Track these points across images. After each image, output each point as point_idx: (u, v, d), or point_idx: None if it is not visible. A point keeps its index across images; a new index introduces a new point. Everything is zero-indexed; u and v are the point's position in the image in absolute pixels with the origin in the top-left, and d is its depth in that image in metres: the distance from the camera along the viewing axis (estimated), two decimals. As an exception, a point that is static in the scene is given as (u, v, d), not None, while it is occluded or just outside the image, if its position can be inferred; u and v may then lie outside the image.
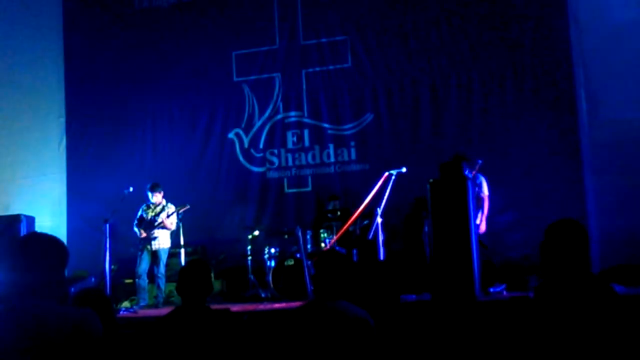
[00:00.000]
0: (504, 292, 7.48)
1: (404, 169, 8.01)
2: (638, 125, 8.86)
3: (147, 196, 9.03)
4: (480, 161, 8.15)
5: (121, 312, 8.14)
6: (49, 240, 2.62)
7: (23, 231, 8.69)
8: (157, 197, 8.99)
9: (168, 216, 8.84)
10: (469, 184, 7.29)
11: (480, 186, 8.22)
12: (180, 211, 8.94)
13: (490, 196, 8.43)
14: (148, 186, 9.04)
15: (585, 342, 3.03)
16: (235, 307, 7.43)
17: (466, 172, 7.91)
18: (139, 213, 9.04)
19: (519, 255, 8.78)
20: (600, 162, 9.01)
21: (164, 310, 7.98)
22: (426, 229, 8.10)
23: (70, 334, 2.40)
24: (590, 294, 3.12)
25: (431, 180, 7.27)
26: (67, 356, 2.36)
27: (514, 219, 9.05)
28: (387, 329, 3.66)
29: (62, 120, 11.17)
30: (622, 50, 9.01)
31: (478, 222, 7.86)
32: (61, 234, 10.44)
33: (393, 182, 7.88)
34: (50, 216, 10.60)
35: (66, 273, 2.68)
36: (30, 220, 8.97)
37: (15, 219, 8.74)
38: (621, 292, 6.77)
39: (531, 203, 8.92)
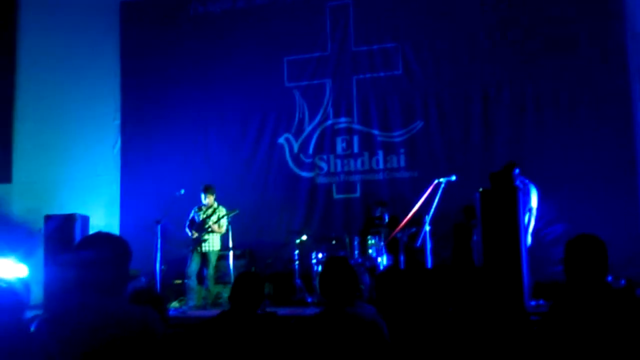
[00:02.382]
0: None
1: (453, 177, 7.95)
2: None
3: (199, 198, 9.16)
4: (517, 170, 8.03)
5: (170, 312, 8.26)
6: (114, 238, 2.70)
7: (77, 230, 8.88)
8: (209, 199, 9.12)
9: (218, 219, 8.95)
10: (520, 194, 7.21)
11: (529, 197, 8.11)
12: (230, 215, 9.04)
13: (539, 208, 8.31)
14: (201, 187, 9.17)
15: (601, 354, 3.03)
16: (282, 311, 7.49)
17: (517, 182, 7.84)
18: (191, 214, 9.18)
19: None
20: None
21: (212, 312, 8.09)
22: (475, 237, 8.03)
23: (136, 332, 2.45)
24: (610, 306, 3.16)
25: (481, 189, 7.22)
26: (132, 354, 2.42)
27: (564, 231, 8.88)
28: (435, 337, 3.66)
29: (117, 122, 11.41)
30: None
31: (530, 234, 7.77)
32: (114, 233, 10.66)
33: (442, 190, 7.84)
34: (103, 216, 10.83)
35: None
36: (85, 219, 9.16)
37: (70, 218, 8.93)
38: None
39: (582, 216, 8.73)
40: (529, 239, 8.03)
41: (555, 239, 8.89)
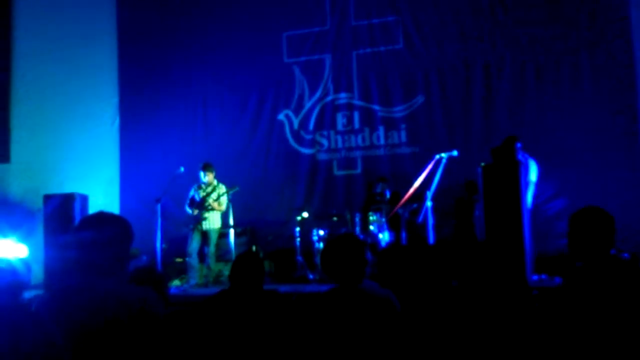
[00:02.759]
0: (557, 279, 7.35)
1: (455, 152, 7.88)
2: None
3: (199, 176, 9.12)
4: (518, 144, 7.96)
5: (171, 290, 8.26)
6: (115, 218, 2.66)
7: (77, 209, 8.84)
8: (209, 177, 9.07)
9: (218, 197, 8.91)
10: (521, 168, 7.17)
11: (528, 171, 8.06)
12: (230, 192, 9.00)
13: (538, 183, 8.26)
14: (200, 166, 9.12)
15: (611, 328, 3.01)
16: (283, 288, 7.47)
17: (519, 157, 7.79)
18: (191, 193, 9.13)
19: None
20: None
21: (214, 289, 8.08)
22: (477, 212, 7.99)
23: (135, 313, 2.43)
24: (619, 279, 3.12)
25: (483, 164, 7.16)
26: (131, 334, 2.39)
27: (566, 205, 8.84)
28: (438, 313, 3.63)
29: (116, 100, 11.34)
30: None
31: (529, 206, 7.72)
32: (114, 212, 10.63)
33: (444, 166, 7.78)
34: (103, 195, 10.79)
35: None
36: (84, 198, 9.12)
37: (70, 198, 8.88)
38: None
39: (584, 190, 8.68)
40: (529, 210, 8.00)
41: (557, 213, 8.87)
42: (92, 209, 8.87)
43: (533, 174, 8.19)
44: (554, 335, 3.14)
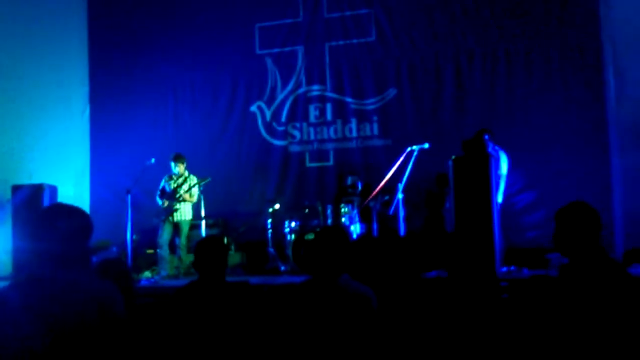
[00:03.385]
0: (525, 271, 7.44)
1: (426, 145, 7.94)
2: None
3: (170, 167, 9.06)
4: (486, 136, 8.02)
5: (142, 282, 8.22)
6: (73, 210, 2.63)
7: (46, 200, 8.76)
8: (179, 168, 9.01)
9: (189, 188, 8.86)
10: (492, 161, 7.23)
11: (499, 164, 8.13)
12: (202, 184, 8.96)
13: (510, 175, 8.35)
14: (171, 157, 9.06)
15: (598, 324, 3.03)
16: (254, 280, 7.47)
17: (489, 149, 7.85)
18: (162, 184, 9.08)
19: (539, 234, 8.71)
20: (626, 141, 8.86)
21: (185, 281, 8.06)
22: (447, 205, 8.05)
23: (95, 305, 2.41)
24: (605, 275, 3.14)
25: (454, 157, 7.21)
26: (90, 326, 2.37)
27: (535, 198, 8.96)
28: (407, 304, 3.67)
29: (86, 89, 11.22)
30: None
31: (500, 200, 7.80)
32: (84, 203, 10.55)
33: (415, 158, 7.83)
34: (73, 185, 10.69)
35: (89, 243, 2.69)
36: (53, 189, 9.03)
37: (39, 188, 8.80)
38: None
39: (553, 182, 8.80)
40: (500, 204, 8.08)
41: (527, 206, 8.99)
42: (62, 199, 8.78)
43: (504, 167, 8.26)
44: (539, 330, 3.13)
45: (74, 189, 10.58)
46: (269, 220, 9.22)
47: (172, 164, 9.01)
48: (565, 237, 3.24)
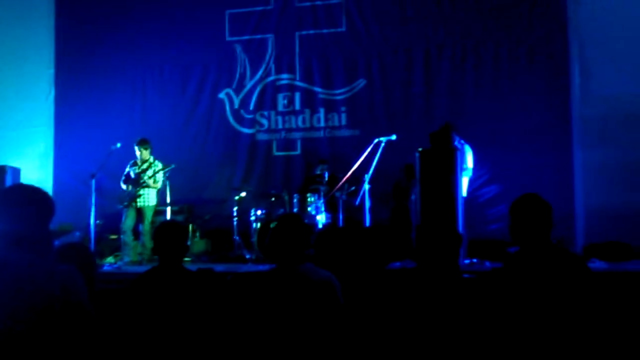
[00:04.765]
0: (487, 264, 7.53)
1: (394, 137, 7.99)
2: (629, 101, 8.85)
3: (135, 152, 8.97)
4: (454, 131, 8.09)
5: (105, 267, 8.15)
6: (35, 191, 2.57)
7: (8, 182, 8.64)
8: (144, 154, 8.92)
9: (154, 174, 8.79)
10: (458, 154, 7.30)
11: (464, 157, 8.20)
12: (166, 170, 8.89)
13: (474, 169, 8.43)
14: (135, 142, 8.96)
15: (549, 313, 3.13)
16: (219, 267, 7.45)
17: (455, 143, 7.92)
18: (127, 169, 8.99)
19: (501, 227, 8.81)
20: (590, 137, 9.00)
21: (147, 267, 8.00)
22: (413, 197, 8.11)
23: (54, 291, 2.37)
24: (554, 265, 3.24)
25: (420, 149, 7.26)
26: (48, 314, 2.34)
27: (499, 191, 9.05)
28: (371, 295, 3.69)
29: (51, 71, 11.03)
30: (617, 23, 8.93)
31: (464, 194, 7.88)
32: (47, 187, 10.37)
33: (382, 149, 7.86)
34: (36, 169, 10.54)
35: (51, 226, 2.64)
36: (16, 171, 8.91)
37: (1, 170, 8.66)
38: (603, 269, 6.87)
39: (517, 176, 8.89)
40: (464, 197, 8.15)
41: (490, 199, 9.09)
42: (25, 182, 8.62)
43: (469, 161, 8.34)
44: (488, 318, 3.22)
45: (37, 172, 10.42)
46: (235, 208, 9.18)
47: (137, 149, 8.92)
48: (518, 228, 3.35)
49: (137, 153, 8.92)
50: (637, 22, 8.89)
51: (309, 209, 8.66)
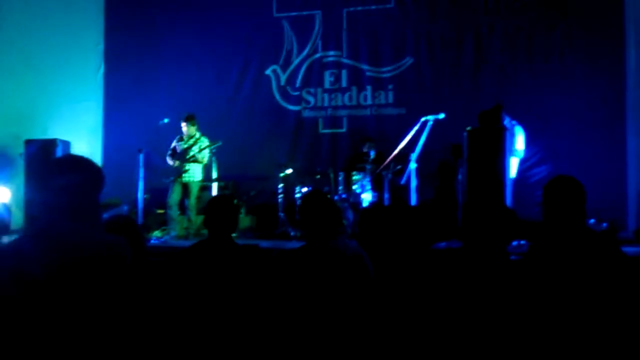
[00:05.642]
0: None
1: (441, 115, 7.87)
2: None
3: (181, 127, 9.03)
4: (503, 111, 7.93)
5: (152, 241, 8.26)
6: (85, 162, 2.57)
7: (58, 155, 8.77)
8: (191, 130, 8.98)
9: (200, 150, 8.85)
10: (507, 134, 7.16)
11: (514, 138, 8.05)
12: (213, 147, 8.93)
13: (525, 150, 8.28)
14: (182, 117, 9.02)
15: (580, 297, 3.06)
16: (264, 244, 7.48)
17: (505, 122, 7.78)
18: (173, 144, 9.06)
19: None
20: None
21: (194, 242, 8.08)
22: (460, 177, 8.01)
23: (103, 261, 2.38)
24: (589, 249, 3.17)
25: (469, 128, 7.15)
26: (96, 281, 2.36)
27: (549, 173, 8.88)
28: (416, 274, 3.66)
29: (101, 47, 11.18)
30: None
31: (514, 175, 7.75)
32: (96, 161, 10.52)
33: (430, 128, 7.77)
34: (86, 143, 10.69)
35: (100, 199, 2.64)
36: (66, 144, 9.04)
37: (52, 143, 8.80)
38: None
39: (568, 158, 8.73)
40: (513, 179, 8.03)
41: (541, 180, 8.90)
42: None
43: (520, 142, 8.19)
44: (523, 302, 3.18)
45: (87, 146, 10.58)
46: (281, 185, 9.19)
47: (183, 125, 8.98)
48: (550, 209, 3.30)
49: (184, 129, 8.98)
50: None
51: (354, 187, 8.63)
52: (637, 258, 3.56)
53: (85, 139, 10.72)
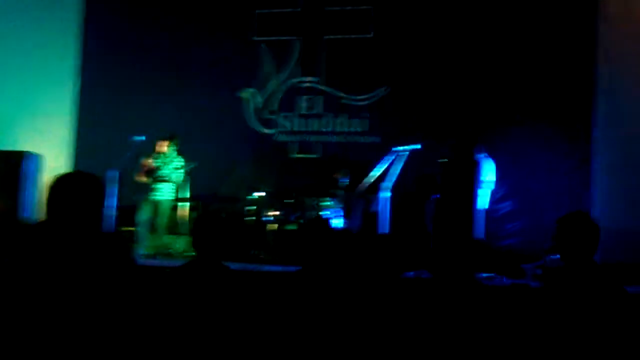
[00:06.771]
0: (504, 279, 7.45)
1: (418, 146, 7.93)
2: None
3: (156, 145, 8.98)
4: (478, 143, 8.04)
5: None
6: (93, 179, 2.85)
7: (28, 168, 8.65)
8: (166, 148, 8.94)
9: (174, 170, 8.79)
10: (479, 167, 7.24)
11: (485, 171, 8.13)
12: (187, 168, 8.89)
13: (495, 182, 8.38)
14: (165, 136, 8.98)
15: (588, 333, 3.09)
16: (234, 266, 7.41)
17: (478, 155, 7.86)
18: (142, 160, 8.99)
19: (517, 242, 8.76)
20: (611, 159, 8.92)
21: (162, 262, 7.99)
22: (432, 206, 8.05)
23: (109, 253, 2.69)
24: (598, 286, 3.23)
25: (442, 160, 7.22)
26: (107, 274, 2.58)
27: (515, 207, 8.99)
28: (385, 303, 3.66)
29: (77, 62, 11.10)
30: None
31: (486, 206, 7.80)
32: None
33: (405, 158, 7.82)
34: (57, 157, 10.57)
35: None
36: (37, 158, 8.94)
37: (21, 156, 8.70)
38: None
39: (536, 194, 8.88)
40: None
41: (506, 215, 9.01)
42: (45, 170, 8.66)
43: (490, 174, 8.26)
44: (532, 331, 3.19)
45: (58, 160, 10.46)
46: (252, 207, 9.15)
47: (164, 143, 8.93)
48: (565, 245, 3.34)
49: (162, 147, 8.94)
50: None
51: (325, 212, 8.62)
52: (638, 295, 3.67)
53: (56, 153, 10.60)
